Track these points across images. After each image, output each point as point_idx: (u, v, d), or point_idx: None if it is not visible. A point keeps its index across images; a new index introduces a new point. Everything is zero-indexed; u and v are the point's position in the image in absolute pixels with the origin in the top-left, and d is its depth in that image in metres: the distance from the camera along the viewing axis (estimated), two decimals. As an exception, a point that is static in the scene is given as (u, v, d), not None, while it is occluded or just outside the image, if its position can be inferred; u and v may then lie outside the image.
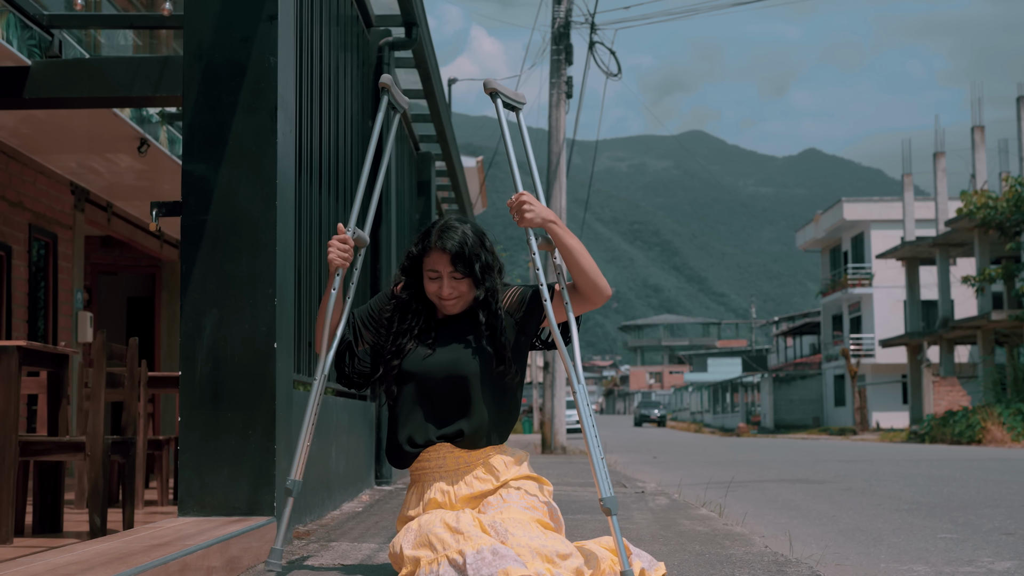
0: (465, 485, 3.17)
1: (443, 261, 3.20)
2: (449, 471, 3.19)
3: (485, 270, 3.24)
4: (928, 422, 29.00)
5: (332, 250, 3.30)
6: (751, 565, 3.57)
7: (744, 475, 12.06)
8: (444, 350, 3.23)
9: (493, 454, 3.22)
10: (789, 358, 64.80)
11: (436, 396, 3.21)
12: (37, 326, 9.60)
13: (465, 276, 3.21)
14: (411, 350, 3.24)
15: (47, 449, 4.92)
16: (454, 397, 3.20)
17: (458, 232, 3.22)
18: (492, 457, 3.22)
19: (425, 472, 3.24)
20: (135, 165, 9.44)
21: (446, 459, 3.20)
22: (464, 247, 3.20)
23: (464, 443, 3.19)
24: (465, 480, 3.18)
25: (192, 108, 3.95)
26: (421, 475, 3.25)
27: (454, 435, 3.19)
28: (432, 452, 3.21)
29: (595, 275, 3.24)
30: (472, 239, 3.23)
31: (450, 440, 3.19)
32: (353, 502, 6.03)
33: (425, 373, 3.20)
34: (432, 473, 3.22)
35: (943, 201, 38.04)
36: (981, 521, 6.26)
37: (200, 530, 3.34)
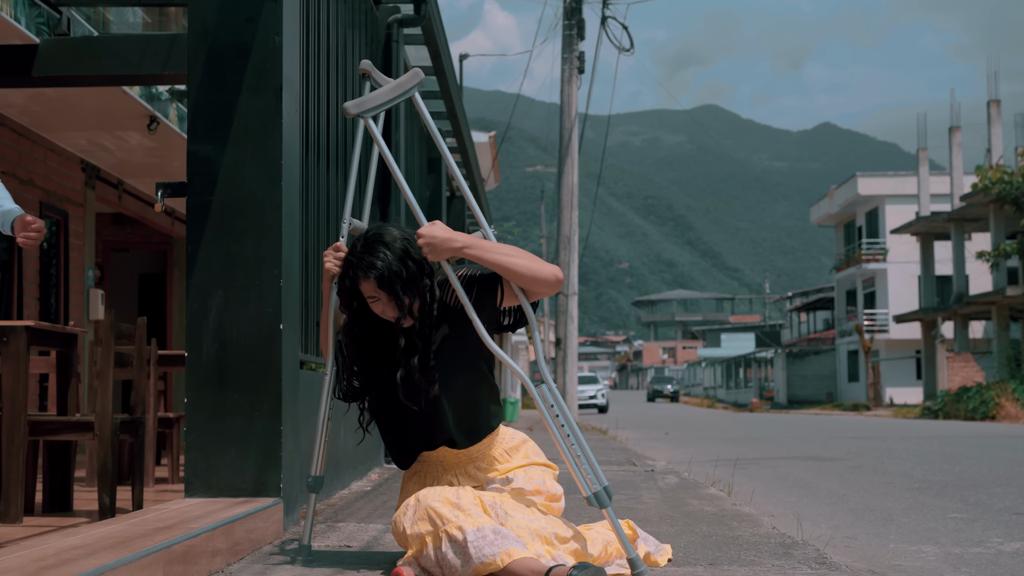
0: (468, 477, 3.15)
1: (371, 286, 3.05)
2: (450, 465, 3.17)
3: (407, 287, 3.05)
4: (942, 398, 28.94)
5: (327, 259, 3.22)
6: (757, 547, 3.56)
7: (755, 452, 12.05)
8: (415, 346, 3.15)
9: (492, 444, 3.18)
10: (803, 333, 64.69)
11: (423, 415, 3.12)
12: (49, 304, 9.62)
13: (384, 293, 3.05)
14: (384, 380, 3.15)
15: (56, 429, 4.93)
16: (431, 409, 3.10)
17: (376, 256, 3.05)
18: (492, 448, 3.17)
19: (427, 465, 3.21)
20: (145, 142, 9.44)
21: (446, 457, 3.17)
22: (385, 271, 3.03)
23: (458, 446, 3.15)
24: (468, 472, 3.15)
25: (197, 88, 3.93)
26: (423, 468, 3.23)
27: (450, 443, 3.15)
28: (430, 453, 3.19)
29: (533, 272, 3.08)
30: (390, 258, 3.05)
31: (447, 445, 3.16)
32: (362, 480, 6.04)
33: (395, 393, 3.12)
34: (434, 467, 3.19)
35: (958, 176, 37.82)
36: (992, 500, 6.24)
37: (206, 512, 3.34)
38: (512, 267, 3.07)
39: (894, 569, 4.02)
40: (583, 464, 2.96)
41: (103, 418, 4.85)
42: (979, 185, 31.01)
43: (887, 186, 46.66)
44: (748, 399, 59.52)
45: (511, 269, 3.08)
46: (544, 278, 3.09)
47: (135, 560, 2.41)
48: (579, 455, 2.97)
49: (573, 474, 2.97)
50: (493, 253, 3.08)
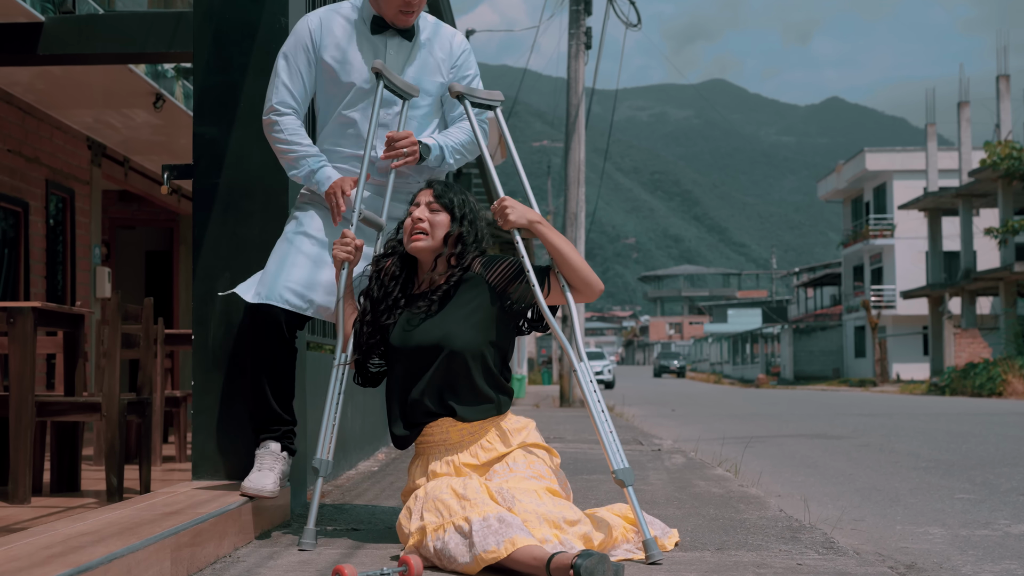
0: (470, 455, 3.15)
1: (426, 193, 3.29)
2: (453, 443, 3.17)
3: (464, 212, 3.26)
4: (949, 374, 28.93)
5: (336, 249, 3.26)
6: (764, 531, 3.56)
7: (763, 430, 12.06)
8: (430, 322, 3.19)
9: (498, 423, 3.20)
10: (810, 309, 64.64)
11: (428, 371, 3.16)
12: (56, 282, 9.62)
13: (443, 210, 3.23)
14: (394, 324, 3.22)
15: (63, 409, 4.93)
16: (447, 371, 3.15)
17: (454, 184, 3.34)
18: (496, 427, 3.19)
19: (428, 445, 3.21)
20: (151, 120, 9.42)
21: (449, 432, 3.17)
22: (449, 187, 3.30)
23: (464, 418, 3.16)
24: (470, 451, 3.15)
25: (203, 70, 3.91)
26: (425, 448, 3.23)
27: (452, 411, 3.16)
28: (434, 427, 3.19)
29: (585, 272, 3.24)
30: (463, 194, 3.31)
31: (450, 415, 3.17)
32: (369, 461, 6.05)
33: (414, 347, 3.16)
34: (436, 447, 3.19)
35: (967, 151, 37.66)
36: (999, 481, 6.24)
37: (213, 496, 3.34)
38: (573, 258, 3.23)
39: (901, 551, 4.02)
40: (613, 442, 3.07)
41: (110, 399, 4.85)
42: (987, 161, 30.88)
43: (895, 161, 46.48)
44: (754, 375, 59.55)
45: (571, 260, 3.22)
46: (594, 282, 3.27)
47: (143, 547, 2.41)
48: (610, 431, 3.08)
49: (604, 449, 3.07)
50: (560, 238, 3.24)
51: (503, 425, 3.20)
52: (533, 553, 2.66)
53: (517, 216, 3.25)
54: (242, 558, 3.00)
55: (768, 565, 2.91)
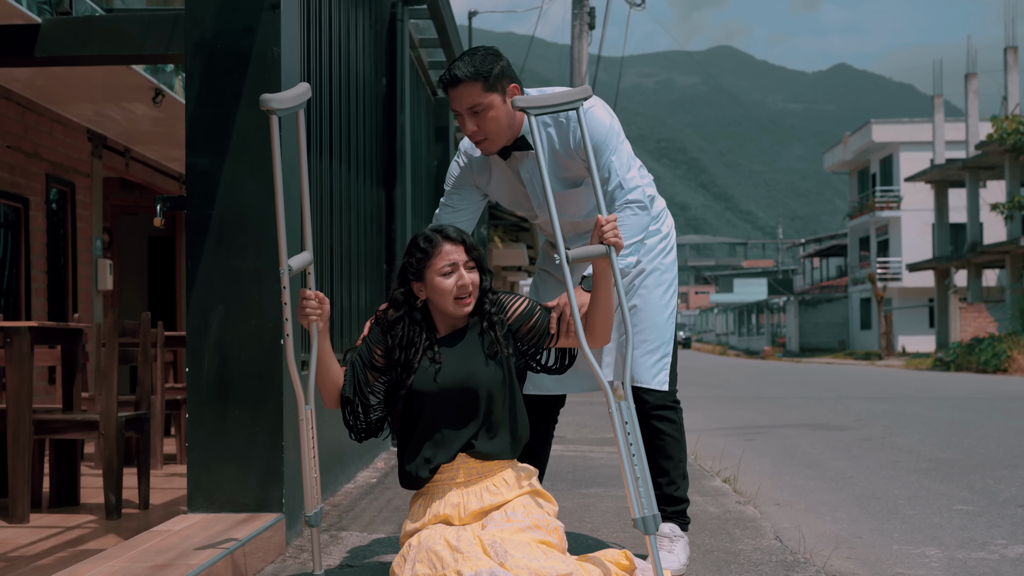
0: (475, 498, 3.14)
1: (457, 251, 3.14)
2: (460, 483, 3.17)
3: (486, 263, 3.22)
4: (954, 349, 28.91)
5: (300, 314, 3.17)
6: (757, 568, 3.55)
7: (765, 417, 12.07)
8: (452, 363, 3.17)
9: (505, 467, 3.19)
10: (816, 280, 64.58)
11: (451, 412, 3.15)
12: (57, 275, 9.62)
13: (476, 262, 3.17)
14: (417, 368, 3.18)
15: (61, 427, 4.95)
16: (469, 411, 3.14)
17: (452, 228, 3.19)
18: (504, 471, 3.18)
19: (434, 484, 3.21)
20: (151, 113, 9.39)
21: (459, 471, 3.16)
22: (466, 236, 3.20)
23: (481, 455, 3.15)
24: (475, 493, 3.15)
25: (194, 100, 3.88)
26: (430, 487, 3.22)
27: (471, 448, 3.15)
28: (446, 466, 3.18)
29: (611, 318, 3.19)
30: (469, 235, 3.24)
31: (468, 450, 3.16)
32: (368, 470, 6.05)
33: (438, 389, 3.14)
34: (443, 485, 3.18)
35: (974, 123, 37.48)
36: (999, 487, 6.23)
37: (206, 538, 3.35)
38: (611, 308, 3.15)
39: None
40: (640, 486, 2.98)
41: (108, 417, 4.86)
42: (994, 136, 30.73)
43: (902, 133, 46.28)
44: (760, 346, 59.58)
45: (609, 308, 3.15)
46: (611, 331, 3.20)
47: (131, 616, 2.42)
48: (638, 476, 2.99)
49: (628, 493, 2.98)
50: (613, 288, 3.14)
51: (510, 470, 3.19)
52: (524, 612, 2.66)
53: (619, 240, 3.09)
54: (234, 607, 3.00)
55: (759, 617, 2.91)
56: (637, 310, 3.57)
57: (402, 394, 3.16)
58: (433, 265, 3.14)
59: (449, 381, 3.14)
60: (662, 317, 3.59)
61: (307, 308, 3.15)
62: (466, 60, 3.31)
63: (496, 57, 3.34)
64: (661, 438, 3.50)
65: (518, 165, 3.52)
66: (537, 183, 3.51)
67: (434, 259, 3.14)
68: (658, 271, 3.63)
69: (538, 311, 3.25)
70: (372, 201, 6.45)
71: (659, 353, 3.54)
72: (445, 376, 3.15)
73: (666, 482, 3.53)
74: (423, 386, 3.15)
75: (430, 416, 3.16)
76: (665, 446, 3.51)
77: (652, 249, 3.64)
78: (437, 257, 3.14)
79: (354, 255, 5.85)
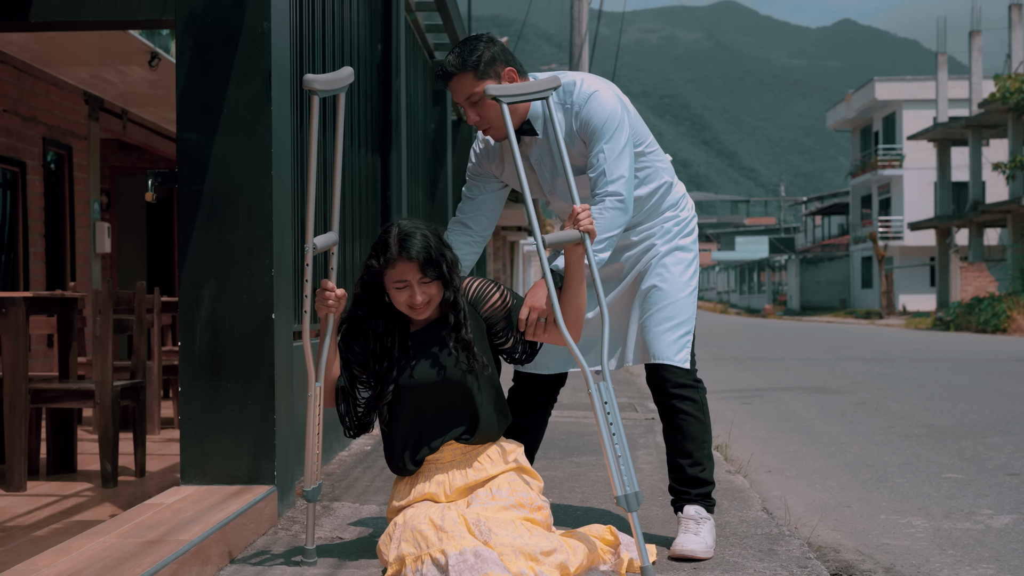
0: (460, 475, 3.18)
1: (411, 270, 3.08)
2: (445, 463, 3.20)
3: (451, 268, 3.14)
4: (954, 309, 28.96)
5: (319, 304, 3.19)
6: (743, 541, 3.60)
7: (762, 379, 12.13)
8: (428, 359, 3.18)
9: (490, 447, 3.23)
10: (817, 238, 64.53)
11: (432, 407, 3.17)
12: (55, 239, 9.65)
13: (435, 279, 3.12)
14: (396, 373, 3.20)
15: (57, 397, 4.99)
16: (450, 403, 3.16)
17: (418, 237, 3.10)
18: (489, 448, 3.22)
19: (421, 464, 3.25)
20: (147, 76, 9.37)
21: (443, 453, 3.20)
22: (430, 251, 3.09)
23: (467, 441, 3.19)
24: (460, 470, 3.19)
25: (185, 75, 3.89)
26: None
27: (456, 436, 3.19)
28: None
29: (582, 315, 3.21)
30: (433, 240, 3.11)
31: (453, 439, 3.20)
32: (363, 437, 6.10)
33: (417, 386, 3.17)
34: (428, 465, 3.22)
35: (977, 81, 37.30)
36: (988, 455, 6.28)
37: (198, 511, 3.39)
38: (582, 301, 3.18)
39: (882, 549, 4.07)
40: (621, 465, 3.02)
41: (103, 387, 4.90)
42: (997, 95, 30.58)
43: (905, 91, 46.08)
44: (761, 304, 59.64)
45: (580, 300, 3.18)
46: (581, 324, 3.22)
47: (120, 595, 2.47)
48: (619, 455, 3.04)
49: (610, 473, 3.03)
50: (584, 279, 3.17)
51: (494, 446, 3.23)
52: (507, 591, 2.70)
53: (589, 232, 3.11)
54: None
55: (740, 593, 2.96)
56: (657, 288, 3.52)
57: (384, 403, 3.19)
58: (388, 275, 3.13)
59: (428, 377, 3.16)
60: (683, 294, 3.54)
61: (329, 301, 3.18)
62: (455, 52, 3.31)
63: (488, 43, 3.32)
64: (682, 418, 3.45)
65: (528, 151, 3.52)
66: (547, 167, 3.50)
67: (388, 271, 3.11)
68: (678, 250, 3.59)
69: (511, 307, 3.27)
70: (367, 168, 6.45)
71: (681, 330, 3.50)
72: (423, 373, 3.16)
73: (689, 463, 3.47)
74: (403, 383, 3.17)
75: (412, 411, 3.19)
76: (687, 426, 3.44)
77: (669, 232, 3.59)
78: (391, 271, 3.11)
79: (349, 222, 5.86)
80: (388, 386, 3.18)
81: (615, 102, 3.40)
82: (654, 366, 3.47)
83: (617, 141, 3.36)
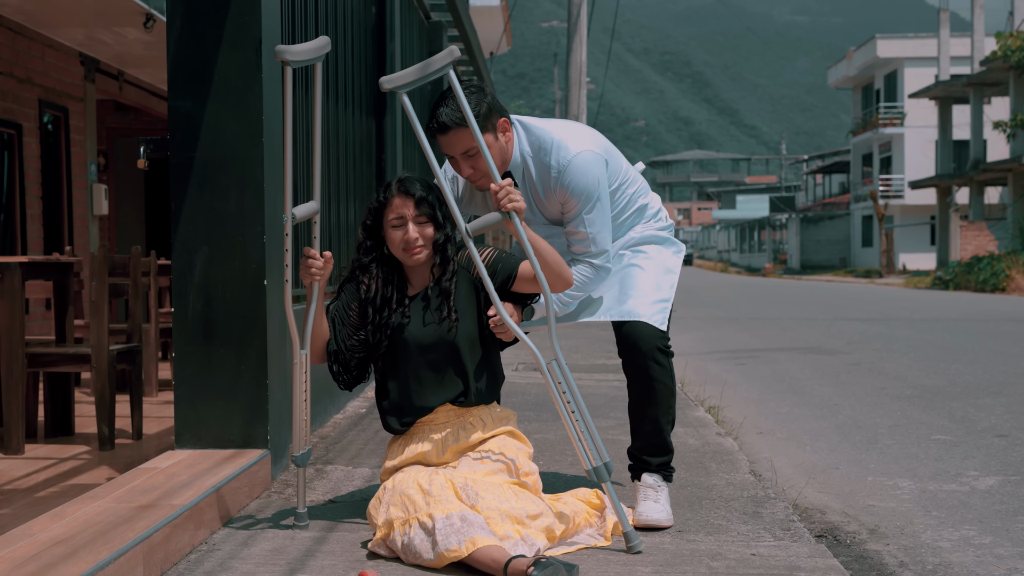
0: (453, 437, 3.24)
1: (408, 205, 3.20)
2: (439, 424, 3.26)
3: (443, 215, 3.24)
4: (953, 268, 28.98)
5: (303, 272, 3.24)
6: (729, 504, 3.66)
7: (758, 339, 12.18)
8: (423, 321, 3.24)
9: (486, 411, 3.28)
10: (818, 197, 64.43)
11: (426, 368, 3.23)
12: (52, 201, 9.66)
13: (429, 219, 3.20)
14: (393, 327, 3.26)
15: (54, 360, 5.04)
16: (444, 366, 3.22)
17: (417, 179, 3.25)
18: (481, 413, 3.27)
19: (415, 426, 3.30)
20: (143, 37, 9.35)
21: (437, 415, 3.26)
22: (427, 191, 3.23)
23: (457, 404, 3.25)
24: (452, 432, 3.24)
25: (176, 43, 3.90)
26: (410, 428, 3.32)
27: (450, 398, 3.24)
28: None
29: (560, 266, 3.25)
30: (432, 187, 3.26)
31: (448, 401, 3.25)
32: (358, 400, 6.16)
33: (412, 346, 3.23)
34: (422, 426, 3.28)
35: (980, 38, 37.06)
36: (979, 416, 6.34)
37: (192, 476, 3.44)
38: (548, 251, 3.22)
39: (867, 511, 4.13)
40: (586, 439, 3.08)
41: (99, 351, 4.95)
42: (998, 52, 30.43)
43: (907, 48, 45.82)
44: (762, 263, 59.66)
45: (548, 253, 3.22)
46: (566, 277, 3.27)
47: (114, 560, 2.52)
48: (583, 431, 3.09)
49: (576, 449, 3.10)
50: (534, 235, 3.22)
51: (488, 411, 3.28)
52: (492, 555, 2.76)
53: (518, 203, 3.13)
54: (217, 545, 3.11)
55: (722, 556, 3.02)
56: (639, 267, 3.56)
57: (380, 353, 3.26)
58: (386, 216, 3.24)
59: (423, 337, 3.22)
60: (665, 267, 3.58)
61: (312, 268, 3.22)
62: (452, 105, 3.23)
63: (481, 94, 3.28)
64: (654, 385, 3.46)
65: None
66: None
67: (386, 210, 3.24)
68: (656, 241, 3.65)
69: (499, 267, 3.30)
70: (362, 132, 6.47)
71: (660, 295, 3.52)
72: (418, 332, 3.22)
73: (654, 431, 3.49)
74: (398, 342, 3.24)
75: (407, 371, 3.25)
76: (656, 394, 3.45)
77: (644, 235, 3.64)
78: (388, 209, 3.23)
79: (343, 186, 5.88)
80: (384, 335, 3.25)
81: (596, 166, 3.38)
82: (630, 326, 3.46)
83: (603, 208, 3.39)
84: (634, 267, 3.56)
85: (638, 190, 3.62)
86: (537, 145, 3.38)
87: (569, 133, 3.40)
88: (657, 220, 3.69)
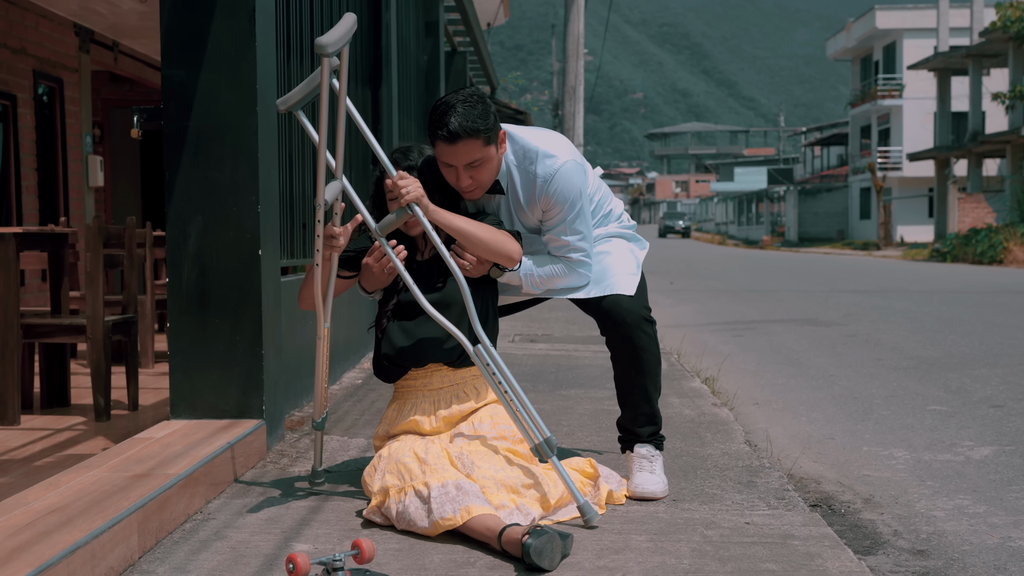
0: (445, 405, 3.25)
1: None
2: (434, 389, 3.27)
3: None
4: (951, 240, 28.98)
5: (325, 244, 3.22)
6: (723, 473, 3.66)
7: (756, 311, 12.19)
8: (430, 280, 3.28)
9: (477, 374, 3.29)
10: (816, 169, 64.30)
11: (427, 320, 3.25)
12: (47, 172, 9.63)
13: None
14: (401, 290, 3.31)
15: (49, 331, 5.04)
16: (450, 319, 3.23)
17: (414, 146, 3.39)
18: (476, 378, 3.29)
19: (409, 390, 3.32)
20: (137, 8, 9.30)
21: (432, 377, 3.28)
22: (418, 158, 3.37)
23: (454, 363, 3.26)
24: (446, 399, 3.25)
25: (169, 11, 3.87)
26: (405, 392, 3.33)
27: (445, 357, 3.25)
28: (420, 371, 3.29)
29: (495, 245, 3.23)
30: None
31: (441, 361, 3.27)
32: (354, 371, 6.16)
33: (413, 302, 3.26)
34: (417, 391, 3.29)
35: (979, 9, 36.93)
36: (974, 387, 6.35)
37: (187, 446, 3.45)
38: (470, 233, 3.19)
39: (862, 480, 4.14)
40: (525, 419, 3.11)
41: (95, 322, 4.94)
42: (997, 24, 30.31)
43: (906, 19, 45.62)
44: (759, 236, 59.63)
45: (470, 236, 3.19)
46: (507, 253, 3.25)
47: (108, 528, 2.52)
48: (519, 410, 3.11)
49: (517, 428, 3.14)
50: (456, 218, 3.20)
51: (481, 378, 3.30)
52: (487, 523, 2.76)
53: (414, 191, 3.14)
54: (213, 514, 3.11)
55: (717, 524, 3.02)
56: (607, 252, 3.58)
57: (388, 310, 3.30)
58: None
59: (425, 293, 3.24)
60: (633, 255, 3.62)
61: (334, 244, 3.20)
62: (461, 113, 3.16)
63: (486, 105, 3.24)
64: (642, 355, 3.46)
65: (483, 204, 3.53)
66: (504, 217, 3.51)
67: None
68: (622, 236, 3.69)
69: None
70: (357, 102, 6.44)
71: (631, 270, 3.56)
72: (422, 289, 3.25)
73: (643, 400, 3.49)
74: (402, 298, 3.28)
75: (407, 320, 3.29)
76: (644, 363, 3.44)
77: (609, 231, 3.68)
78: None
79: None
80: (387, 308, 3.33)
81: (579, 176, 3.40)
82: (612, 300, 3.45)
83: (585, 214, 3.43)
84: (603, 253, 3.58)
85: (604, 196, 3.67)
86: (522, 154, 3.38)
87: (550, 143, 3.40)
88: (620, 221, 3.72)
